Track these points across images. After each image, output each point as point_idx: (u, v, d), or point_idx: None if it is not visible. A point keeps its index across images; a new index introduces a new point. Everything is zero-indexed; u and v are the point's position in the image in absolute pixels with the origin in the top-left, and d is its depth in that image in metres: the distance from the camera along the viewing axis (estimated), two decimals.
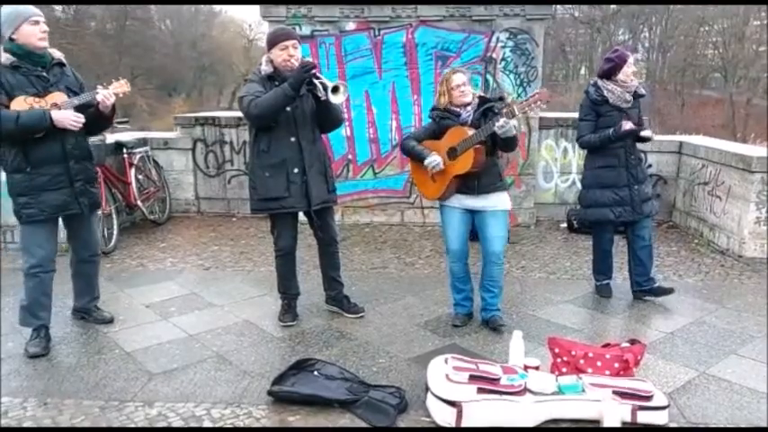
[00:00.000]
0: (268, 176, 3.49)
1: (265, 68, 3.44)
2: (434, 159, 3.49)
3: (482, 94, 3.54)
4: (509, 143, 3.43)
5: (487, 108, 3.47)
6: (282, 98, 3.30)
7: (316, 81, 3.34)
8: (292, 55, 3.39)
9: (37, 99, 3.15)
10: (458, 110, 3.51)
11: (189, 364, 3.19)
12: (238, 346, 3.43)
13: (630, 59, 3.99)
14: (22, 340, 3.43)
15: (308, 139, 3.52)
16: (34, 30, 3.14)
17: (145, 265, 4.99)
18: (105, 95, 3.26)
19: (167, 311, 3.94)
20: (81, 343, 3.46)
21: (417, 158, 3.60)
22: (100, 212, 5.15)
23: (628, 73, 3.97)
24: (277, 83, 3.41)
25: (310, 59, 3.37)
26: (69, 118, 3.16)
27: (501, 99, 3.62)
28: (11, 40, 3.14)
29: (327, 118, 3.58)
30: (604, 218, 4.09)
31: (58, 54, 3.33)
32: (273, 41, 3.43)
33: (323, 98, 3.37)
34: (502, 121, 3.25)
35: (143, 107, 29.27)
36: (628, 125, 3.86)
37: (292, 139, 3.47)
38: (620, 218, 4.04)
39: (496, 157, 3.54)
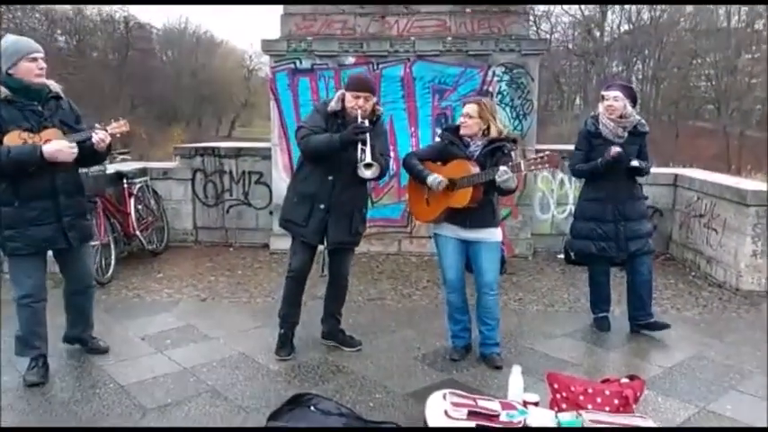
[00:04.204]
0: (296, 202, 3.63)
1: (333, 105, 3.56)
2: (437, 178, 3.48)
3: (495, 136, 3.49)
4: (505, 192, 3.48)
5: (497, 147, 3.48)
6: (330, 148, 3.45)
7: (360, 145, 3.43)
8: (361, 106, 3.49)
9: (31, 135, 3.10)
10: (468, 139, 3.55)
11: (183, 399, 3.16)
12: (234, 380, 3.40)
13: (606, 93, 4.00)
14: (16, 374, 3.39)
15: (343, 182, 3.56)
16: (32, 66, 3.12)
17: (141, 296, 4.97)
18: (101, 137, 3.23)
19: (163, 344, 3.91)
20: (75, 376, 3.42)
21: (417, 177, 3.61)
22: (97, 243, 5.17)
23: (601, 108, 4.02)
24: (339, 121, 3.55)
25: (367, 124, 3.45)
26: (62, 150, 3.09)
27: (514, 141, 3.61)
28: (8, 74, 3.11)
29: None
30: (587, 250, 4.12)
31: (55, 87, 3.28)
32: (349, 86, 3.56)
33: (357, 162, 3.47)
34: (502, 170, 3.27)
35: (142, 136, 29.44)
36: (614, 150, 3.84)
37: (329, 177, 3.54)
38: (603, 253, 4.05)
39: (492, 195, 3.55)
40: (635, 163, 3.94)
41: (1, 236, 3.20)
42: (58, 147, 3.10)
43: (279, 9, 6.36)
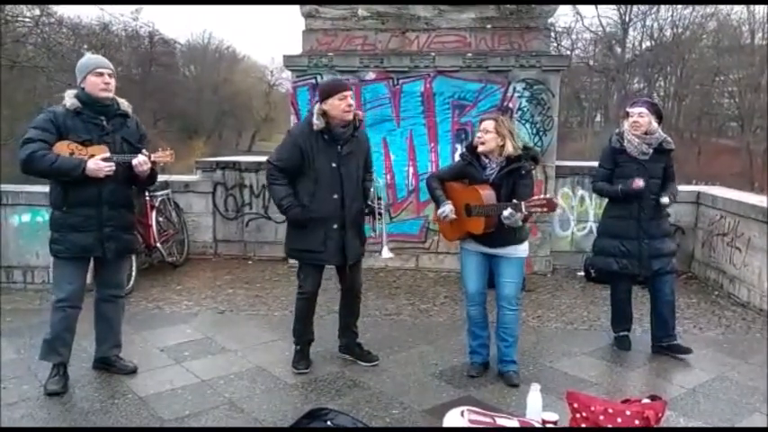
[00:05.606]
0: (307, 229, 3.51)
1: (317, 123, 3.40)
2: (444, 210, 3.52)
3: (511, 152, 3.43)
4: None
5: (514, 168, 3.44)
6: (278, 207, 3.53)
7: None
8: (351, 104, 3.43)
9: (79, 147, 3.25)
10: (485, 161, 3.52)
11: (201, 411, 3.17)
12: (251, 393, 3.40)
13: (632, 110, 3.97)
14: (36, 383, 3.44)
15: (351, 196, 3.53)
16: (97, 81, 3.32)
17: (161, 308, 5.01)
18: (140, 161, 3.32)
19: (181, 355, 3.94)
20: (95, 387, 3.46)
21: (434, 201, 3.65)
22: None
23: (626, 125, 3.99)
24: (326, 137, 3.44)
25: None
26: (102, 168, 3.23)
27: (534, 159, 3.56)
28: (81, 88, 3.34)
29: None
30: (609, 267, 4.08)
31: (125, 105, 3.46)
32: (331, 92, 3.41)
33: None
34: (508, 212, 3.25)
35: (164, 149, 29.85)
36: (639, 182, 3.82)
37: (335, 195, 3.48)
38: (625, 270, 4.01)
39: None
40: (665, 200, 3.91)
41: (51, 238, 3.39)
42: (98, 165, 3.23)
43: (301, 24, 6.46)
